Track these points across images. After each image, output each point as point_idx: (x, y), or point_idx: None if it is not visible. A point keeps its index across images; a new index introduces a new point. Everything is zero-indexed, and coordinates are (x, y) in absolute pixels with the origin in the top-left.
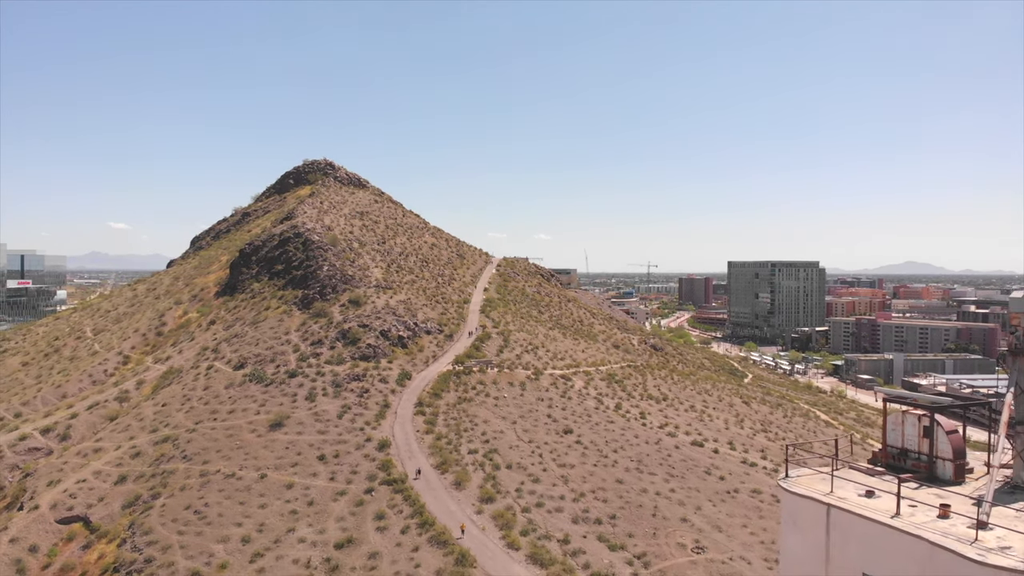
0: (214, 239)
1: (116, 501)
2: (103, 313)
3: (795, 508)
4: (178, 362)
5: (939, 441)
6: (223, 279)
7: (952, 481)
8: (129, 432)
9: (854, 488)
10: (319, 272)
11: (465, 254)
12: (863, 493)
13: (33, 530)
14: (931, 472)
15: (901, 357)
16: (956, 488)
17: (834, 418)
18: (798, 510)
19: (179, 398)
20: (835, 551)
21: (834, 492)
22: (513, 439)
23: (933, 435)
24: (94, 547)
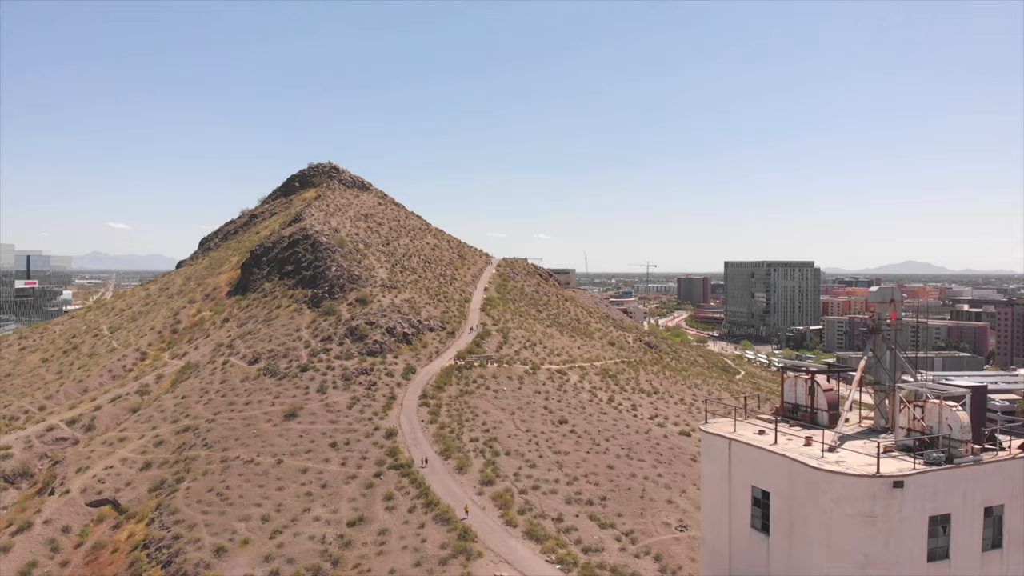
0: (222, 240)
1: (142, 485)
2: (118, 312)
3: (709, 443)
4: (195, 358)
5: (818, 396)
6: (235, 279)
7: (827, 425)
8: (151, 423)
9: (751, 429)
10: (328, 272)
11: (466, 255)
12: (756, 432)
13: (65, 513)
14: (813, 419)
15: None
16: (829, 430)
17: None
18: (711, 445)
19: (197, 391)
20: (734, 471)
21: (736, 431)
22: (512, 428)
23: (814, 392)
24: (124, 527)
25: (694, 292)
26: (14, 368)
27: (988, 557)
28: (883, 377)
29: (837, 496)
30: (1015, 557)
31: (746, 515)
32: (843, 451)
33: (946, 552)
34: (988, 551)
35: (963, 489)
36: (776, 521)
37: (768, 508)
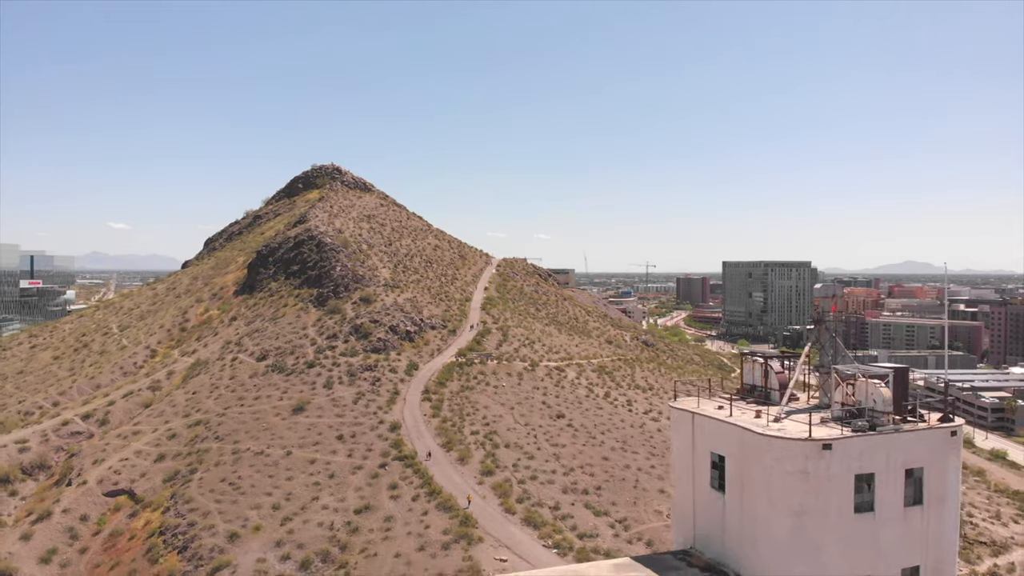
0: (227, 241)
1: (157, 476)
2: (127, 311)
3: (676, 417)
4: (204, 355)
5: (771, 378)
6: (241, 279)
7: (778, 403)
8: (164, 417)
9: (712, 405)
10: (332, 272)
11: (466, 255)
12: (716, 407)
13: (83, 502)
14: (767, 397)
15: (885, 354)
16: (778, 407)
17: None
18: (678, 418)
19: (208, 387)
20: (696, 440)
21: (699, 407)
22: (511, 422)
23: (767, 374)
24: (140, 515)
25: (693, 292)
26: (26, 365)
27: (910, 512)
28: (825, 360)
29: (777, 456)
30: (934, 512)
31: (706, 477)
32: (786, 422)
33: (871, 506)
34: (910, 507)
35: (885, 452)
36: (730, 480)
37: (724, 470)
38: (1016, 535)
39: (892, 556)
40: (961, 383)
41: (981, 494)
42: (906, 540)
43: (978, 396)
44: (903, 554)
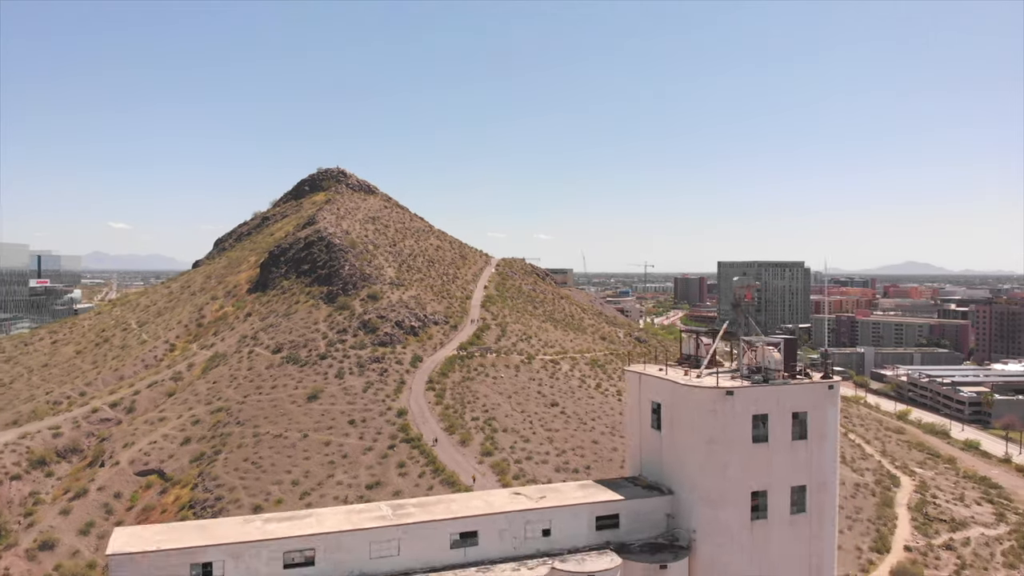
0: (236, 241)
1: (184, 457)
2: (143, 308)
3: (629, 377)
4: (222, 348)
5: (701, 348)
6: (254, 277)
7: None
8: (187, 404)
9: (656, 369)
10: (341, 271)
11: (467, 255)
12: (658, 370)
13: (116, 481)
14: (697, 363)
15: (872, 351)
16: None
17: None
18: (630, 378)
19: (227, 377)
20: (642, 393)
21: (645, 369)
22: (508, 409)
23: (699, 345)
24: (170, 492)
25: (691, 292)
26: (50, 359)
27: (796, 444)
28: (739, 334)
29: (696, 401)
30: (816, 446)
31: (648, 420)
32: (706, 378)
33: (765, 438)
34: (796, 440)
35: (776, 399)
36: (664, 421)
37: (660, 414)
38: (976, 515)
39: (783, 476)
40: (941, 379)
41: (949, 479)
42: (794, 465)
43: (957, 391)
44: (792, 475)
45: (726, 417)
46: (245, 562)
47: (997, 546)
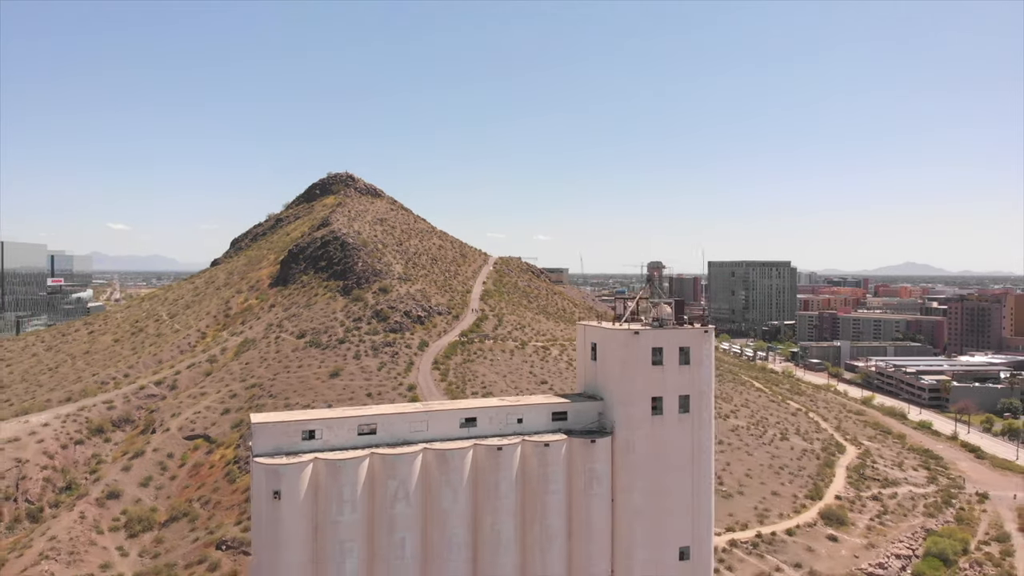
0: (252, 241)
1: (225, 424)
2: (171, 302)
3: (579, 329)
4: (251, 335)
5: (626, 309)
6: (275, 273)
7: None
8: (224, 381)
9: (596, 323)
10: (355, 267)
11: (467, 254)
12: (597, 324)
13: (168, 444)
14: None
15: (848, 344)
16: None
17: (767, 386)
18: (580, 330)
19: (257, 359)
20: (586, 339)
21: (588, 324)
22: (504, 386)
23: (625, 307)
24: (215, 452)
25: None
26: (90, 347)
27: (683, 368)
28: (651, 298)
29: (616, 339)
30: (695, 370)
31: (588, 355)
32: (626, 326)
33: (661, 362)
34: (681, 365)
35: (667, 338)
36: (598, 354)
37: (596, 350)
38: (910, 477)
39: (673, 388)
40: (906, 368)
41: (892, 450)
42: (680, 381)
43: (919, 379)
44: (679, 388)
45: (634, 349)
46: (334, 431)
47: (921, 500)
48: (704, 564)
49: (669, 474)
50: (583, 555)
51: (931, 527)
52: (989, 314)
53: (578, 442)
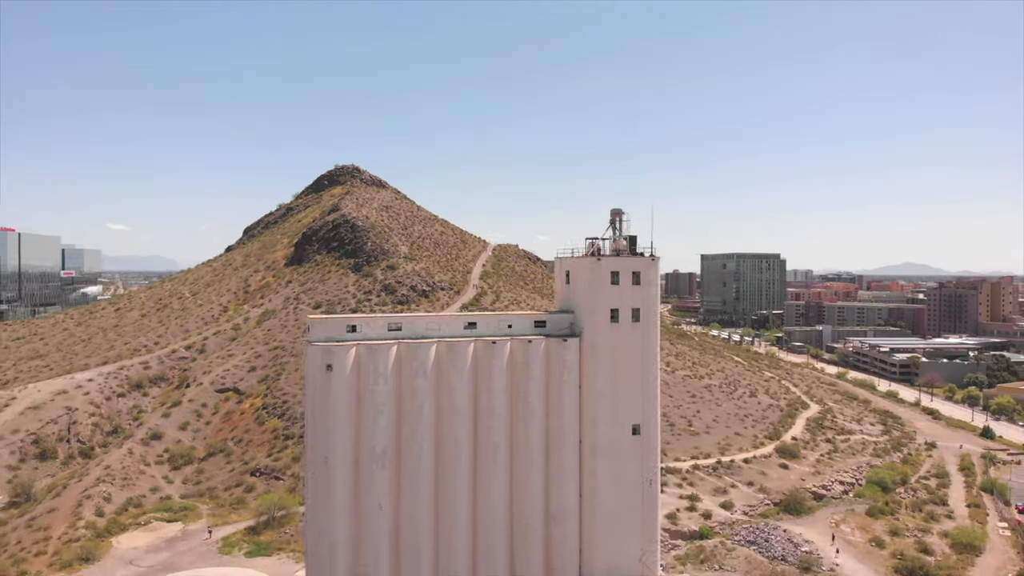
0: (264, 228)
1: (253, 379)
2: (192, 282)
3: (556, 262)
4: (270, 307)
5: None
6: (289, 254)
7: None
8: (249, 345)
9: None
10: (365, 247)
11: (467, 240)
12: (578, 256)
13: (201, 395)
14: (592, 254)
15: (829, 329)
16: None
17: (750, 365)
18: (556, 262)
19: (278, 326)
20: (562, 268)
21: (562, 257)
22: None
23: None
24: (245, 401)
25: (681, 286)
26: (119, 321)
27: (634, 287)
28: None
29: (584, 266)
30: (645, 288)
31: (564, 280)
32: (590, 257)
33: (618, 283)
34: (634, 285)
35: (623, 264)
36: (571, 279)
37: (569, 275)
38: (865, 430)
39: (627, 303)
40: (880, 347)
41: (855, 411)
42: (632, 297)
43: (892, 355)
44: (632, 303)
45: (598, 272)
46: (370, 327)
47: (872, 445)
48: (651, 438)
49: (624, 367)
50: (556, 427)
51: (876, 464)
52: (966, 301)
53: (554, 341)
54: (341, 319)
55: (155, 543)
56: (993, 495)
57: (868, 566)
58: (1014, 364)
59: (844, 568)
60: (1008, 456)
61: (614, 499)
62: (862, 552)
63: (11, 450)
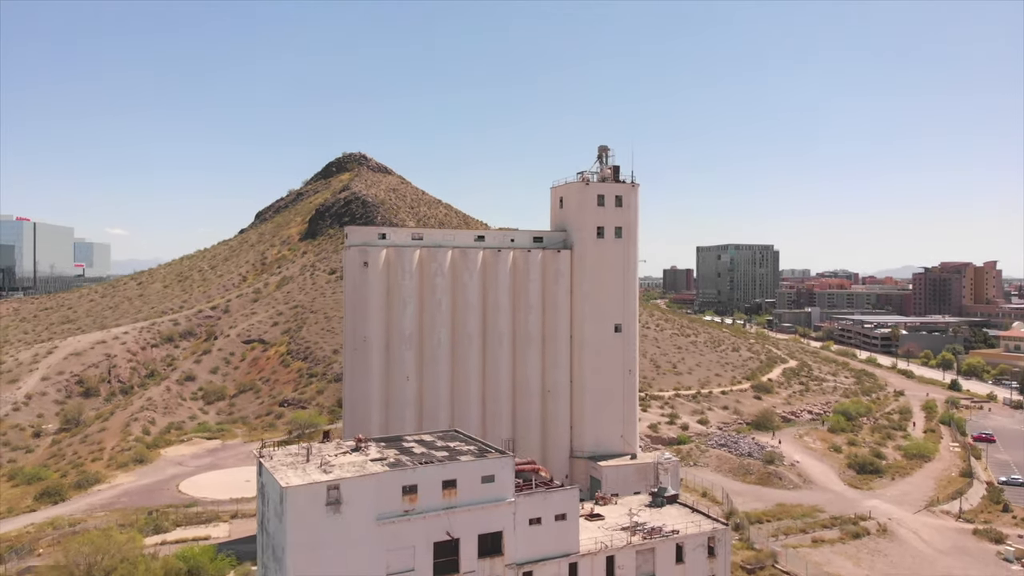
0: (276, 212)
1: (276, 331)
2: (210, 257)
3: (553, 191)
4: (288, 274)
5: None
6: (303, 230)
7: None
8: (270, 304)
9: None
10: (375, 221)
11: (470, 223)
12: (571, 181)
13: (229, 345)
14: None
15: (818, 310)
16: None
17: (736, 333)
18: (553, 191)
19: (296, 288)
20: (555, 195)
21: (560, 184)
22: None
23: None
24: (270, 349)
25: (678, 282)
26: (143, 292)
27: (617, 208)
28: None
29: (574, 189)
30: (626, 211)
31: (558, 205)
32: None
33: (603, 204)
34: (617, 207)
35: (607, 189)
36: (563, 203)
37: (562, 200)
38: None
39: (611, 222)
40: (866, 323)
41: (831, 367)
42: (616, 217)
43: (875, 329)
44: (615, 221)
45: (586, 194)
46: (397, 236)
47: (842, 389)
48: (631, 336)
49: (607, 276)
50: (551, 322)
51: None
52: (950, 284)
53: (549, 252)
54: (372, 229)
55: (199, 452)
56: (951, 426)
57: (825, 464)
58: (991, 338)
59: (803, 464)
60: (971, 403)
61: (599, 384)
62: (820, 454)
63: (57, 387)
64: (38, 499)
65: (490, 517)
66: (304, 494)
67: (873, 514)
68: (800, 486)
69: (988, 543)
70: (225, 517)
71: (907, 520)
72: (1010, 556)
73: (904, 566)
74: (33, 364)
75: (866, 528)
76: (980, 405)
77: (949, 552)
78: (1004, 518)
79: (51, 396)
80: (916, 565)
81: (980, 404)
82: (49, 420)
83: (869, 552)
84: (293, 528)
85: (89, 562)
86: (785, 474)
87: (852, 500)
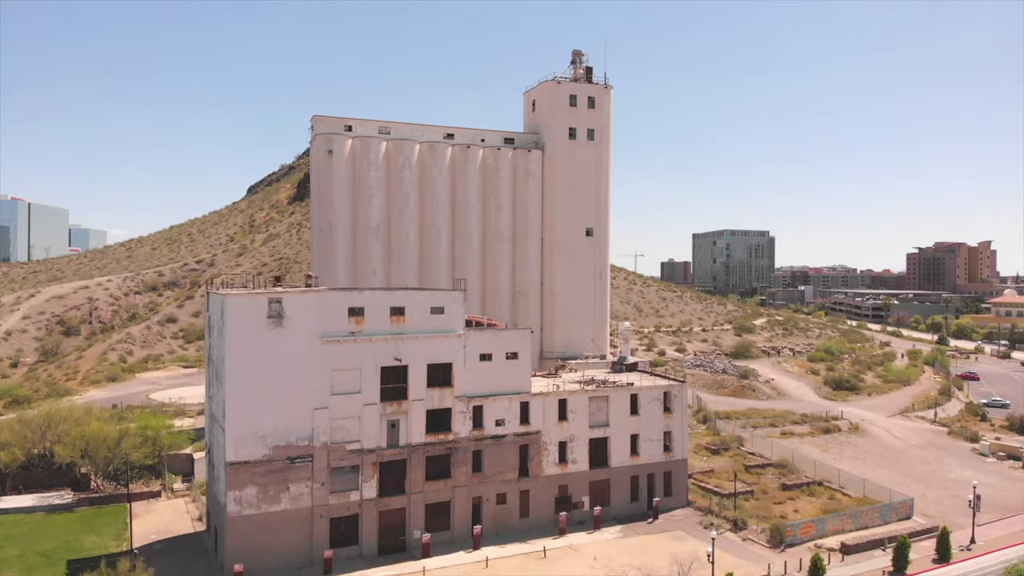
0: (267, 185)
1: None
2: (198, 224)
3: (525, 96)
4: (276, 231)
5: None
6: (292, 195)
7: None
8: (256, 258)
9: None
10: None
11: None
12: (544, 83)
13: None
14: None
15: (811, 288)
16: None
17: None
18: (525, 96)
19: (283, 244)
20: (530, 99)
21: (533, 88)
22: None
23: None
24: None
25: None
26: (132, 255)
27: (590, 110)
28: (576, 74)
29: (547, 90)
30: (599, 112)
31: (531, 107)
32: None
33: (576, 104)
34: (590, 109)
35: (580, 90)
36: (536, 105)
37: (535, 103)
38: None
39: (583, 123)
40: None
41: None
42: (589, 119)
43: (867, 300)
44: (588, 123)
45: (558, 94)
46: (364, 128)
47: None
48: (603, 240)
49: (580, 178)
50: (522, 222)
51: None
52: (944, 264)
53: (520, 152)
54: (339, 119)
55: (174, 376)
56: (935, 366)
57: (802, 382)
58: (983, 309)
59: (778, 381)
60: (957, 353)
61: (570, 286)
62: (797, 376)
63: (38, 326)
64: (7, 407)
65: (439, 347)
66: (244, 305)
67: (845, 415)
68: (773, 397)
69: (963, 441)
70: (192, 413)
71: (880, 421)
72: (985, 451)
73: (874, 455)
74: (15, 306)
75: (837, 426)
76: (967, 355)
77: (923, 447)
78: (982, 426)
79: (31, 333)
80: (887, 454)
81: (967, 355)
82: (28, 355)
83: (838, 444)
84: (233, 339)
85: (43, 426)
86: (759, 387)
87: (826, 407)
